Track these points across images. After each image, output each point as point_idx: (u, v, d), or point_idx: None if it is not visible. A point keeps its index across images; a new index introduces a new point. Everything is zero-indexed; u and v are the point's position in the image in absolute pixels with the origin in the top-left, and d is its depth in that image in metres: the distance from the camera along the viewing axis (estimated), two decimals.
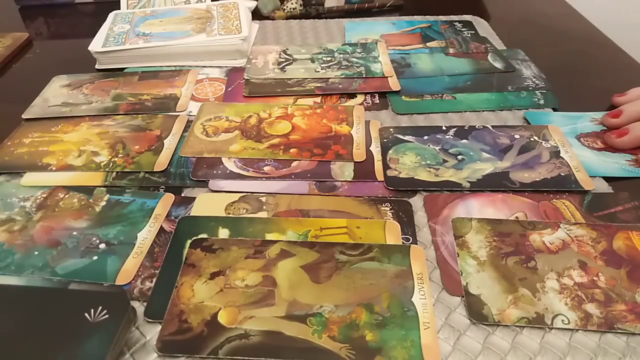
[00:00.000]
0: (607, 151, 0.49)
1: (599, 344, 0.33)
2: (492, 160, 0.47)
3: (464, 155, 0.48)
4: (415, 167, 0.46)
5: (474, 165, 0.47)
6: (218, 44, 0.63)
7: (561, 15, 0.76)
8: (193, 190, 0.45)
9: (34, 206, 0.43)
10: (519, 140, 0.50)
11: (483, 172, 0.46)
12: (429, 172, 0.46)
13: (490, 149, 0.48)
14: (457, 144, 0.49)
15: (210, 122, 0.53)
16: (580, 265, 0.37)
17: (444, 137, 0.50)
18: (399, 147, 0.49)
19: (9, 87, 0.62)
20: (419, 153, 0.48)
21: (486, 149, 0.49)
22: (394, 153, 0.48)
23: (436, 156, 0.48)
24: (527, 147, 0.49)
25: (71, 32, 0.75)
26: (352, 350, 0.32)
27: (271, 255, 0.38)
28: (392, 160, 0.47)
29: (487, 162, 0.47)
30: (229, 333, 0.33)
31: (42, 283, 0.34)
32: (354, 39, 0.69)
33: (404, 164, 0.47)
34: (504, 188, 0.44)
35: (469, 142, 0.49)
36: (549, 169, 0.46)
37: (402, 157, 0.47)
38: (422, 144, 0.49)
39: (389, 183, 0.45)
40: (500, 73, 0.60)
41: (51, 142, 0.50)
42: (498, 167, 0.46)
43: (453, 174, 0.46)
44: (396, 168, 0.46)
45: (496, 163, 0.47)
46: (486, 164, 0.47)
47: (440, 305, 0.36)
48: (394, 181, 0.45)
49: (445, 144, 0.49)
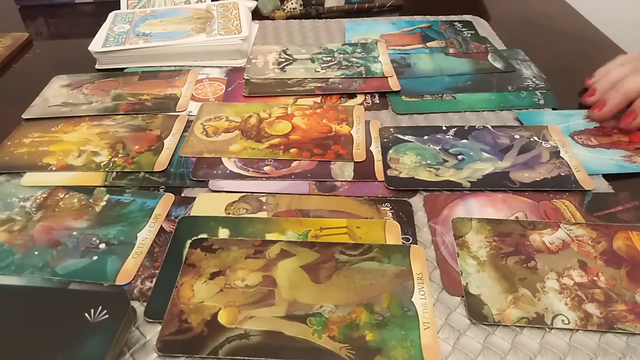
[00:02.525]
0: (602, 148, 0.49)
1: (599, 344, 0.33)
2: (492, 160, 0.47)
3: (464, 155, 0.48)
4: (416, 166, 0.46)
5: (474, 165, 0.47)
6: (218, 44, 0.63)
7: (561, 15, 0.76)
8: (193, 190, 0.45)
9: (34, 206, 0.43)
10: (519, 140, 0.50)
11: (483, 172, 0.46)
12: (429, 171, 0.46)
13: (490, 149, 0.48)
14: (457, 144, 0.49)
15: (210, 122, 0.53)
16: (580, 265, 0.37)
17: (444, 137, 0.50)
18: (399, 147, 0.49)
19: (9, 87, 0.62)
20: (419, 153, 0.48)
21: (486, 149, 0.49)
22: (394, 153, 0.48)
23: (436, 156, 0.48)
24: (527, 147, 0.49)
25: (71, 32, 0.75)
26: (352, 350, 0.32)
27: (271, 255, 0.38)
28: (393, 160, 0.47)
29: (487, 162, 0.47)
30: (229, 333, 0.33)
31: (42, 283, 0.34)
32: (354, 39, 0.69)
33: (404, 163, 0.47)
34: (504, 188, 0.44)
35: (469, 142, 0.49)
36: (549, 169, 0.46)
37: (403, 157, 0.47)
38: (423, 144, 0.49)
39: (390, 183, 0.45)
40: (500, 73, 0.61)
41: (51, 142, 0.50)
42: (498, 167, 0.46)
43: (453, 174, 0.46)
44: (396, 168, 0.46)
45: (496, 163, 0.47)
46: (486, 164, 0.47)
47: (440, 305, 0.36)
48: (394, 181, 0.45)
49: (446, 143, 0.49)
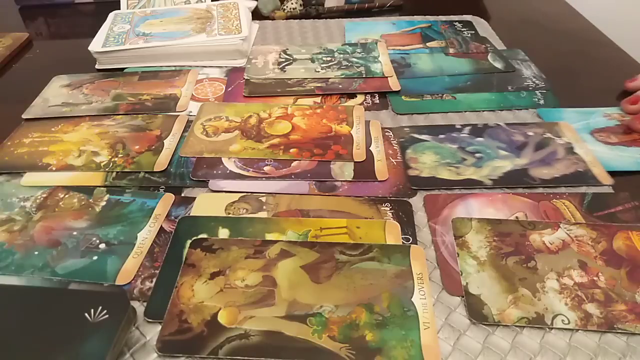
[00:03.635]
0: (622, 145, 0.49)
1: (599, 344, 0.33)
2: (510, 157, 0.48)
3: (481, 153, 0.48)
4: (436, 165, 0.47)
5: (493, 163, 0.47)
6: (218, 44, 0.63)
7: (561, 15, 0.76)
8: (193, 190, 0.45)
9: (34, 206, 0.43)
10: (533, 137, 0.50)
11: (503, 169, 0.46)
12: (449, 170, 0.46)
13: (506, 147, 0.49)
14: (474, 142, 0.49)
15: (210, 122, 0.53)
16: (580, 265, 0.37)
17: (460, 136, 0.50)
18: (417, 146, 0.49)
19: (9, 87, 0.62)
20: (437, 152, 0.48)
21: (502, 146, 0.49)
22: (412, 152, 0.48)
23: (455, 154, 0.48)
24: (542, 144, 0.49)
25: (71, 32, 0.75)
26: (352, 350, 0.32)
27: (271, 255, 0.38)
28: (412, 159, 0.47)
29: (506, 159, 0.47)
30: (229, 333, 0.33)
31: (42, 283, 0.34)
32: (354, 39, 0.69)
33: (424, 163, 0.47)
34: (525, 185, 0.45)
35: (485, 139, 0.50)
36: (566, 165, 0.47)
37: (422, 156, 0.47)
38: (439, 143, 0.49)
39: (413, 183, 0.45)
40: (500, 73, 0.60)
41: (51, 142, 0.50)
42: (517, 164, 0.47)
43: (474, 172, 0.46)
44: (417, 167, 0.46)
45: (514, 160, 0.47)
46: (505, 161, 0.47)
47: (440, 305, 0.36)
48: (416, 180, 0.45)
49: (462, 142, 0.49)
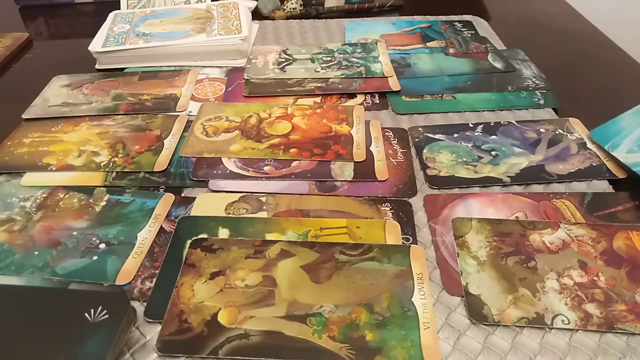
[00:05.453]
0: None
1: (599, 344, 0.33)
2: (525, 154, 0.48)
3: (497, 151, 0.48)
4: (453, 164, 0.47)
5: (509, 160, 0.47)
6: (218, 44, 0.63)
7: (561, 15, 0.76)
8: (193, 190, 0.45)
9: (34, 206, 0.43)
10: (545, 133, 0.50)
11: (520, 166, 0.47)
12: (467, 169, 0.46)
13: (520, 144, 0.49)
14: (488, 140, 0.50)
15: (210, 122, 0.53)
16: (580, 265, 0.37)
17: (473, 134, 0.51)
18: (433, 146, 0.49)
19: (9, 87, 0.62)
20: (453, 151, 0.48)
21: (516, 143, 0.49)
22: (428, 152, 0.48)
23: (470, 153, 0.48)
24: (555, 140, 0.50)
25: (71, 32, 0.75)
26: (352, 350, 0.32)
27: (271, 255, 0.38)
28: (429, 159, 0.47)
29: (521, 156, 0.48)
30: (229, 333, 0.33)
31: (42, 283, 0.34)
32: (354, 39, 0.69)
33: (441, 162, 0.47)
34: (543, 181, 0.45)
35: (498, 137, 0.50)
36: (580, 160, 0.47)
37: (438, 156, 0.48)
38: (454, 142, 0.50)
39: (432, 182, 0.45)
40: (500, 73, 0.60)
41: (51, 142, 0.50)
42: (533, 161, 0.47)
43: (491, 170, 0.46)
44: (435, 167, 0.46)
45: (530, 157, 0.48)
46: (521, 158, 0.47)
47: (440, 305, 0.36)
48: (436, 180, 0.45)
49: (477, 140, 0.50)
